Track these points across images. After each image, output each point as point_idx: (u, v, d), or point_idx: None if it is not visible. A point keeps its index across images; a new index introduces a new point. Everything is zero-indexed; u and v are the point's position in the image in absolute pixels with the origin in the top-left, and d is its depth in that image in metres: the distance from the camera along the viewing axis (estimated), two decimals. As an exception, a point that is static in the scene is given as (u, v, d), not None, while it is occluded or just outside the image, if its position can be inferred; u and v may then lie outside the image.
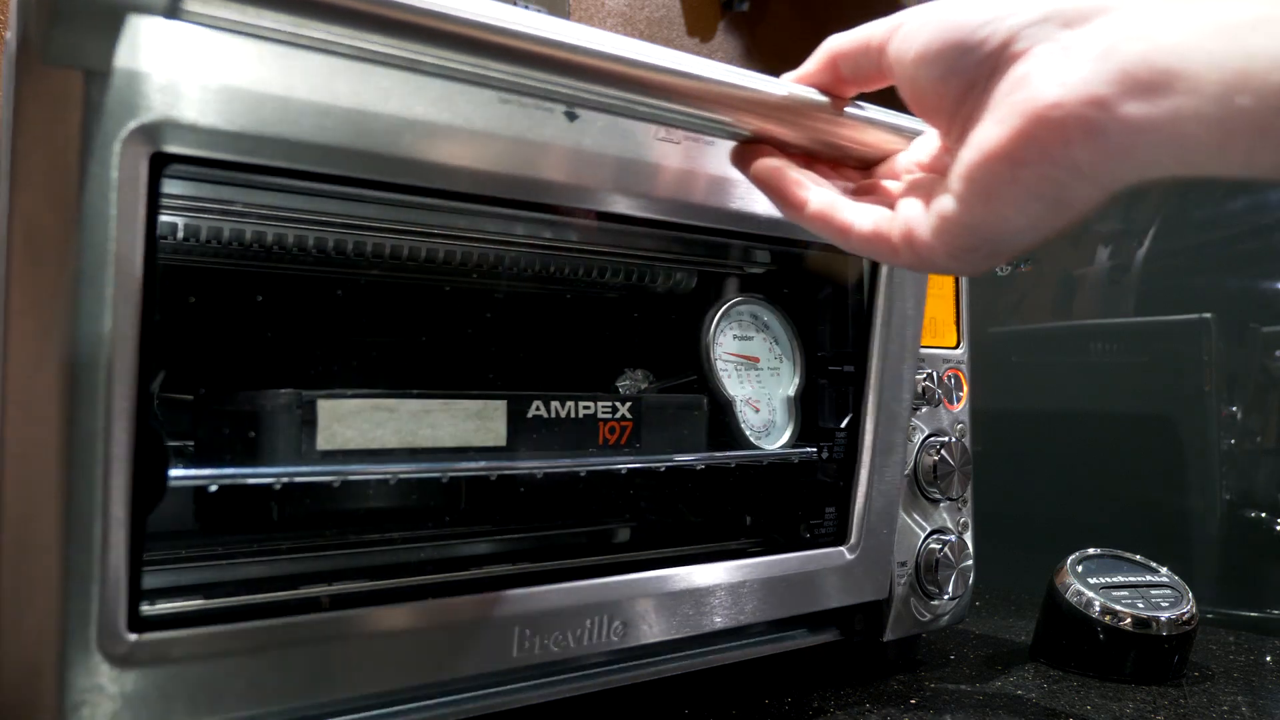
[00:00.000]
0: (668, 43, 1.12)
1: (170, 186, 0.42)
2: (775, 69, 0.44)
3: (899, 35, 0.39)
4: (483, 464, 0.53)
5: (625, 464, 0.60)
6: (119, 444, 0.37)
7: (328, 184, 0.46)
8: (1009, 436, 1.07)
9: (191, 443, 0.54)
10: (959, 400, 0.74)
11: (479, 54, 0.37)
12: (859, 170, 0.46)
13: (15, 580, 0.37)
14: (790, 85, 0.44)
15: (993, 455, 0.92)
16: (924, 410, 0.71)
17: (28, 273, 0.36)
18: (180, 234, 0.52)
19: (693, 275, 0.74)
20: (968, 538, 0.72)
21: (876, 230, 0.41)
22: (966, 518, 0.73)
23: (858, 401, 0.66)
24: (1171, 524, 0.98)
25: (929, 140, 0.44)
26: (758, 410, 0.69)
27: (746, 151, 0.45)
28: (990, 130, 0.35)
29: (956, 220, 0.37)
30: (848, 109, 0.45)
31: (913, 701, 0.65)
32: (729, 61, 0.43)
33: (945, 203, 0.38)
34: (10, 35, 0.37)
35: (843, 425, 0.67)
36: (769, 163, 0.44)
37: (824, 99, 0.44)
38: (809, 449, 0.68)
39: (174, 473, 0.42)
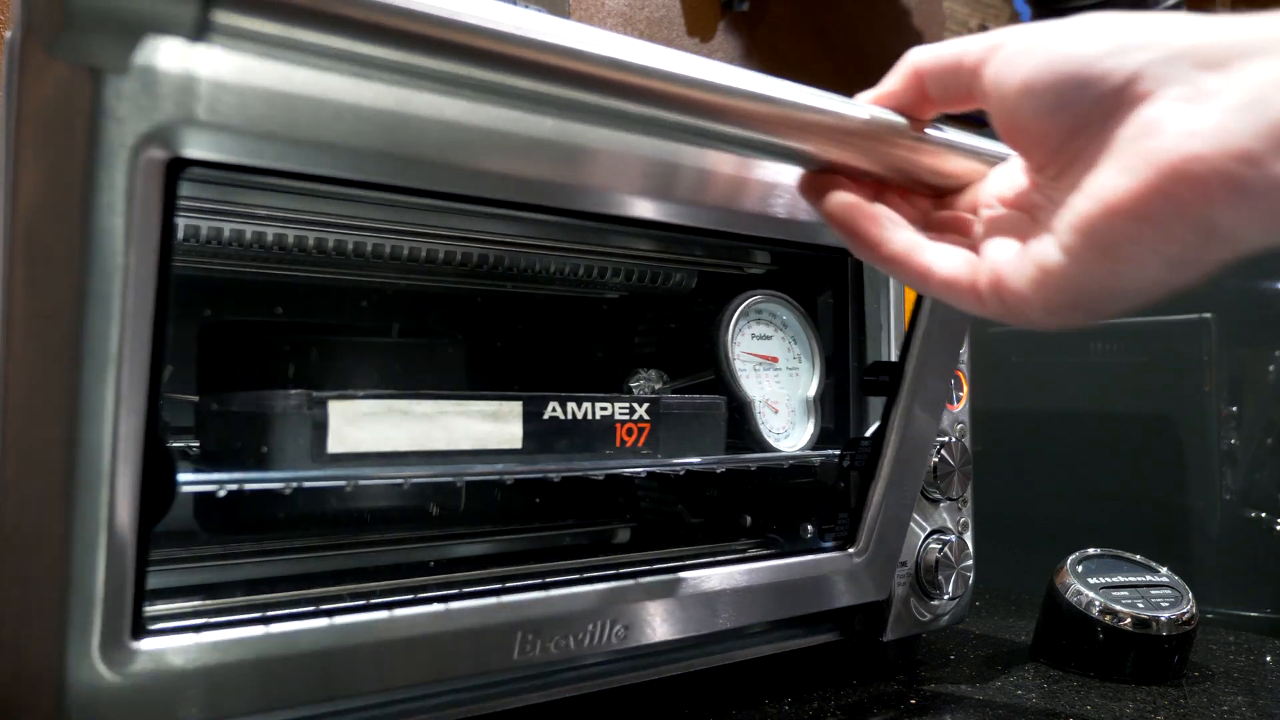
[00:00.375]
0: (667, 43, 1.12)
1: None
2: (775, 69, 0.42)
3: (999, 58, 0.35)
4: (499, 467, 0.52)
5: (645, 468, 0.58)
6: (126, 460, 0.35)
7: (359, 189, 0.44)
8: (1009, 436, 1.07)
9: (196, 443, 0.53)
10: (959, 400, 0.74)
11: (529, 75, 0.34)
12: (932, 199, 0.42)
13: (18, 587, 0.36)
14: (870, 108, 0.40)
15: (993, 455, 0.92)
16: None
17: (30, 287, 0.34)
18: (180, 234, 0.51)
19: (693, 274, 0.74)
20: (968, 538, 0.72)
21: (959, 276, 0.37)
22: (966, 518, 0.73)
23: (888, 410, 0.63)
24: (1171, 524, 0.98)
25: (1012, 171, 0.39)
26: (777, 411, 0.68)
27: (818, 182, 0.41)
28: (1113, 180, 0.31)
29: (1062, 274, 0.33)
30: (928, 130, 0.41)
31: (913, 702, 0.65)
32: (729, 62, 0.41)
33: (1048, 253, 0.34)
34: (12, 31, 0.34)
35: (868, 434, 0.65)
36: (843, 198, 0.40)
37: (904, 121, 0.40)
38: (831, 452, 0.66)
39: (183, 478, 0.41)
